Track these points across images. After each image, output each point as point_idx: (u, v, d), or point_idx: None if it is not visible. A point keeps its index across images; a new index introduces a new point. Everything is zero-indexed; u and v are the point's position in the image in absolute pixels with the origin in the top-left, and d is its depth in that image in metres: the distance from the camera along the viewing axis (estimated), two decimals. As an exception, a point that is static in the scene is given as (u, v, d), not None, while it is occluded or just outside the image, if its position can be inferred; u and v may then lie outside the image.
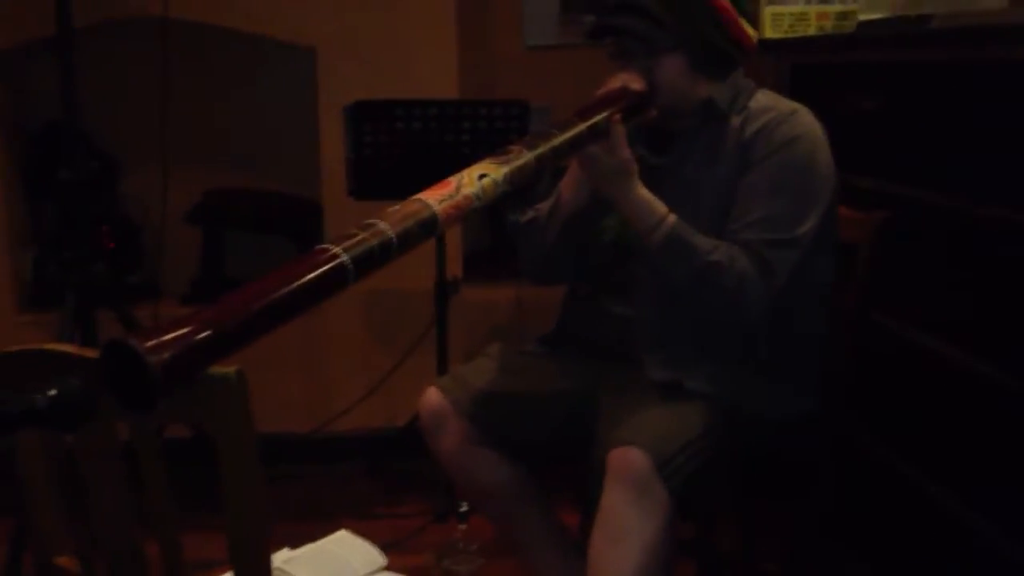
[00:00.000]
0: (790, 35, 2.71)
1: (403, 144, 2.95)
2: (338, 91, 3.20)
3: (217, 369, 1.17)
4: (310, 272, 1.34)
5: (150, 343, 1.13)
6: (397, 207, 1.48)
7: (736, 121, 1.94)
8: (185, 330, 1.17)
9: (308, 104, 3.41)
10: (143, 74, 3.29)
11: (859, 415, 2.29)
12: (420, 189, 2.12)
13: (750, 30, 1.99)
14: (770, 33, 2.71)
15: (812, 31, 2.71)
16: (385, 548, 1.83)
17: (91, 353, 1.24)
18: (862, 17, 2.62)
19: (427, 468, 2.85)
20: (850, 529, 2.43)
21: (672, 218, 1.85)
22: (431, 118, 2.94)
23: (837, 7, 2.69)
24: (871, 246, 2.06)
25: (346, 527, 1.89)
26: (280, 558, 1.72)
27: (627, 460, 1.72)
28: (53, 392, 1.05)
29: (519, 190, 1.68)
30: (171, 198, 3.33)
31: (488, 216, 3.56)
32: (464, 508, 2.84)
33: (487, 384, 2.07)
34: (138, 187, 3.60)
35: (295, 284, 1.32)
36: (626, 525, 1.71)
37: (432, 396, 2.08)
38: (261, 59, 3.66)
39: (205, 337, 1.17)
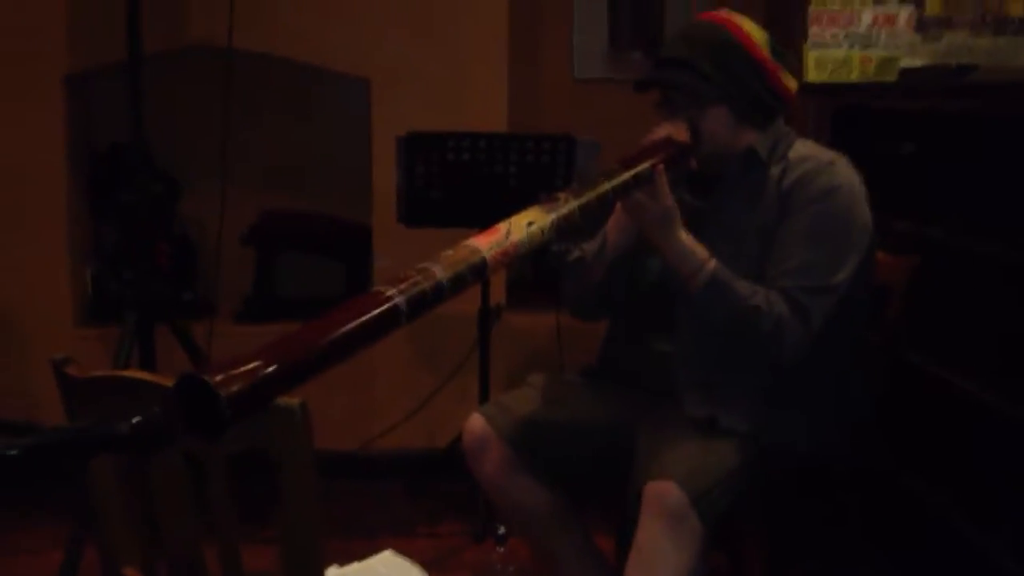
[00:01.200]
0: (833, 79, 2.77)
1: (452, 174, 3.03)
2: (391, 120, 3.31)
3: (282, 400, 1.25)
4: (367, 313, 1.40)
5: (221, 376, 1.22)
6: (450, 252, 1.55)
7: (775, 170, 2.02)
8: (253, 365, 1.25)
9: (362, 132, 3.51)
10: (205, 99, 3.39)
11: (891, 451, 2.34)
12: (467, 218, 2.20)
13: (790, 82, 2.06)
14: (813, 77, 2.76)
15: (855, 76, 2.76)
16: (424, 567, 1.90)
17: (165, 381, 1.32)
18: (904, 63, 2.68)
19: (466, 489, 2.93)
20: (879, 560, 2.47)
21: (713, 263, 1.92)
22: (480, 150, 3.02)
23: (880, 52, 2.74)
24: (904, 287, 2.11)
25: (386, 545, 1.96)
26: (329, 575, 1.80)
27: (663, 493, 1.79)
28: (135, 420, 1.15)
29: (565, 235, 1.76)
30: (227, 219, 3.43)
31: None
32: (502, 531, 2.90)
33: (529, 412, 2.15)
34: (196, 207, 3.70)
35: (353, 324, 1.38)
36: (660, 556, 1.78)
37: (476, 422, 2.16)
38: (318, 88, 3.77)
39: (271, 372, 1.26)
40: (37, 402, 3.21)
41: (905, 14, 2.76)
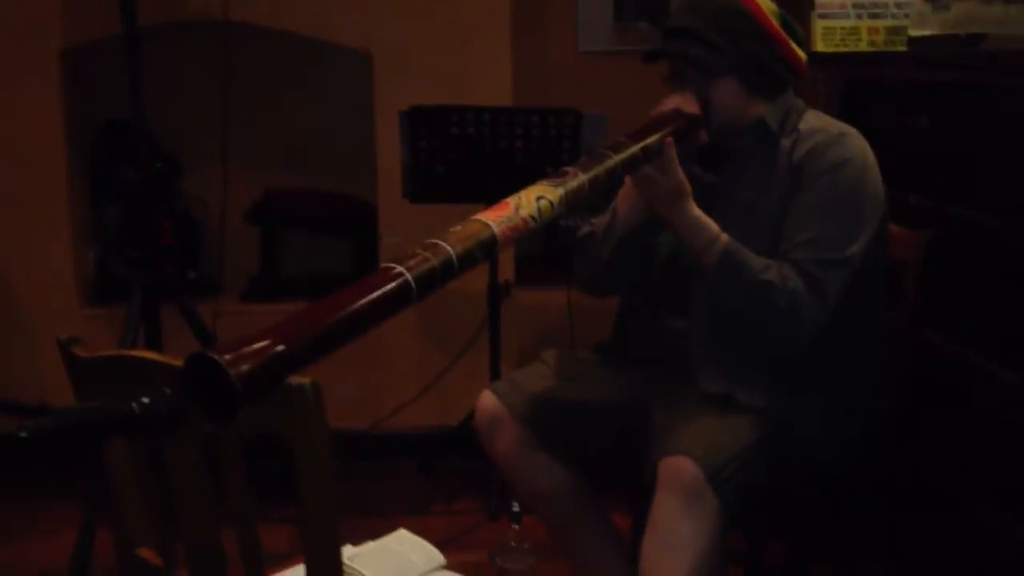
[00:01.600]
0: (841, 49, 2.74)
1: (457, 149, 3.02)
2: (394, 95, 3.28)
3: (294, 379, 1.24)
4: (377, 291, 1.39)
5: (231, 356, 1.20)
6: (458, 227, 1.54)
7: (787, 142, 1.99)
8: (263, 343, 1.24)
9: (365, 107, 3.49)
10: (205, 75, 3.37)
11: (910, 433, 2.32)
12: (473, 193, 2.17)
13: (800, 52, 2.03)
14: (821, 47, 2.73)
15: (863, 46, 2.73)
16: (438, 545, 1.90)
17: (174, 361, 1.31)
18: (913, 33, 2.64)
19: (480, 467, 2.92)
20: (902, 547, 2.45)
21: (724, 237, 1.90)
22: (485, 124, 3.00)
23: (888, 22, 2.71)
24: (920, 263, 2.09)
25: (400, 524, 1.96)
26: (345, 554, 1.78)
27: (678, 469, 1.77)
28: (146, 401, 1.13)
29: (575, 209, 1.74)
30: (231, 197, 3.42)
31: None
32: (516, 508, 2.89)
33: (542, 389, 2.13)
34: (199, 186, 3.69)
35: (363, 302, 1.37)
36: (677, 533, 1.76)
37: (488, 400, 2.14)
38: (319, 62, 3.74)
39: (282, 351, 1.24)
40: (45, 384, 3.20)
41: (914, -18, 2.72)
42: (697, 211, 1.91)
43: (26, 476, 2.95)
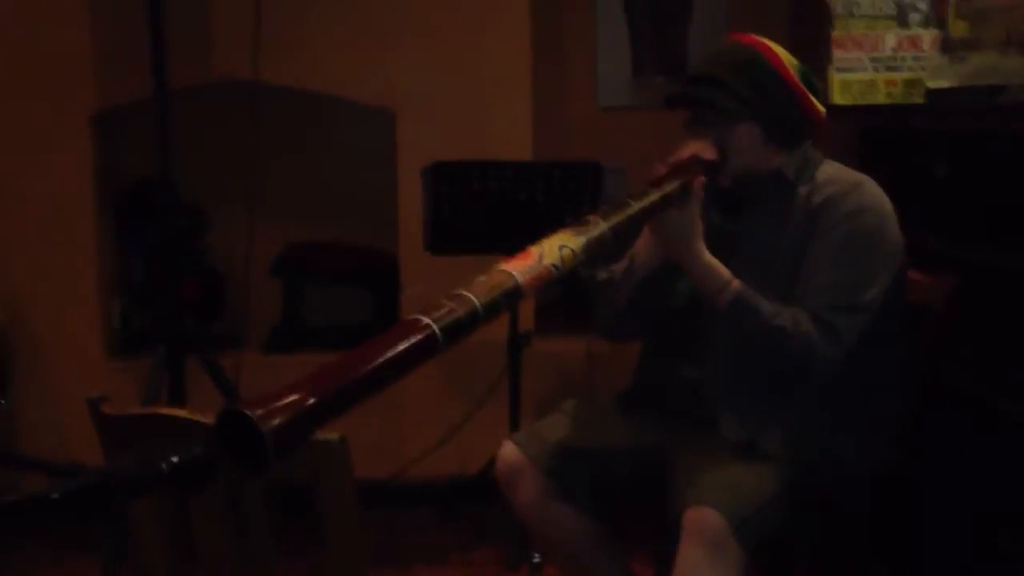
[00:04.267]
0: (859, 102, 2.76)
1: (479, 203, 3.04)
2: (417, 150, 3.32)
3: (322, 434, 1.25)
4: (404, 342, 1.40)
5: (262, 411, 1.22)
6: (483, 278, 1.55)
7: (804, 191, 2.02)
8: (293, 398, 1.25)
9: (388, 161, 3.53)
10: (231, 130, 3.42)
11: (934, 474, 2.32)
12: (494, 246, 2.19)
13: (819, 106, 2.06)
14: (839, 100, 2.76)
15: (881, 99, 2.75)
16: (458, 595, 1.90)
17: (203, 418, 1.33)
18: (930, 85, 2.67)
19: (499, 517, 2.92)
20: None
21: (737, 283, 1.93)
22: (506, 179, 3.03)
23: (905, 75, 2.73)
24: (943, 308, 2.10)
25: (420, 573, 1.96)
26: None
27: (703, 519, 1.78)
28: (175, 459, 1.15)
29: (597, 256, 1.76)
30: (255, 250, 3.45)
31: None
32: (537, 559, 2.89)
33: (563, 439, 2.14)
34: (223, 239, 3.73)
35: (391, 353, 1.39)
36: (702, 584, 1.76)
37: (509, 451, 2.15)
38: (344, 118, 3.79)
39: (312, 404, 1.26)
40: (67, 437, 3.23)
41: (930, 36, 2.75)
42: (709, 256, 1.94)
43: (49, 526, 2.96)
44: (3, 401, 3.25)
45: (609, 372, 2.36)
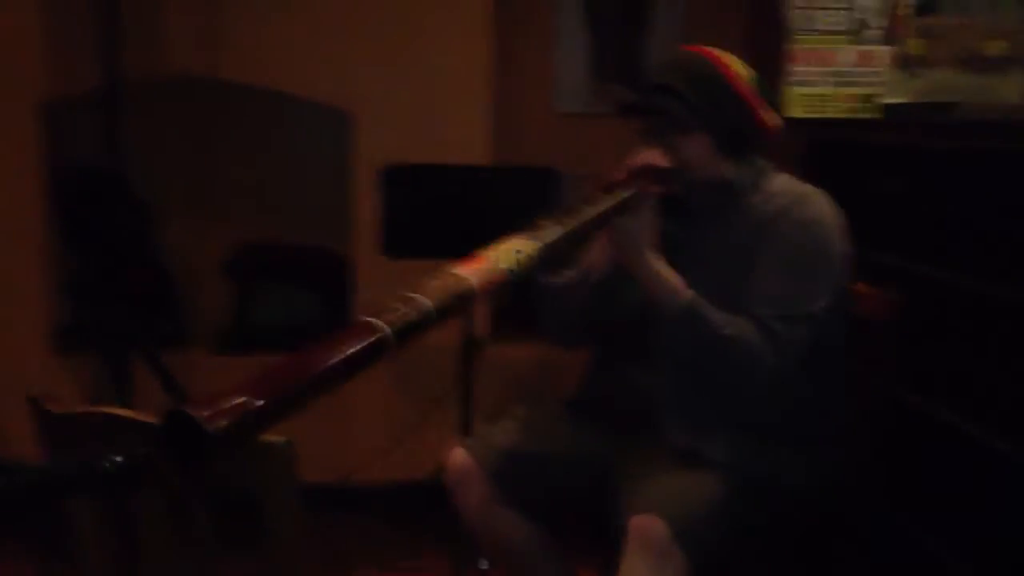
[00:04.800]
0: (816, 115, 2.79)
1: (435, 207, 3.03)
2: (372, 152, 3.30)
3: (269, 438, 1.23)
4: (354, 344, 1.39)
5: (208, 412, 1.20)
6: (436, 281, 1.54)
7: (754, 201, 2.03)
8: (240, 399, 1.23)
9: (342, 162, 3.51)
10: (184, 128, 3.38)
11: (883, 489, 2.33)
12: (450, 249, 2.18)
13: (773, 119, 2.08)
14: (797, 113, 2.78)
15: (838, 112, 2.78)
16: (406, 601, 1.88)
17: (146, 417, 1.30)
18: (886, 100, 2.69)
19: (447, 522, 2.90)
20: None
21: (689, 292, 1.93)
22: (463, 183, 3.02)
23: (862, 89, 2.76)
24: (893, 324, 2.12)
25: (368, 578, 1.94)
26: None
27: (647, 527, 1.78)
28: (117, 459, 1.12)
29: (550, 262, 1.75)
30: (206, 249, 3.41)
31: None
32: (484, 566, 2.88)
33: (512, 445, 2.13)
34: (176, 237, 3.68)
35: (340, 356, 1.37)
36: (645, 592, 1.76)
37: (458, 455, 2.14)
38: (301, 120, 3.77)
39: (259, 407, 1.24)
40: (7, 434, 3.17)
41: (886, 53, 2.78)
42: (660, 264, 1.95)
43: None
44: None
45: (561, 377, 2.35)
